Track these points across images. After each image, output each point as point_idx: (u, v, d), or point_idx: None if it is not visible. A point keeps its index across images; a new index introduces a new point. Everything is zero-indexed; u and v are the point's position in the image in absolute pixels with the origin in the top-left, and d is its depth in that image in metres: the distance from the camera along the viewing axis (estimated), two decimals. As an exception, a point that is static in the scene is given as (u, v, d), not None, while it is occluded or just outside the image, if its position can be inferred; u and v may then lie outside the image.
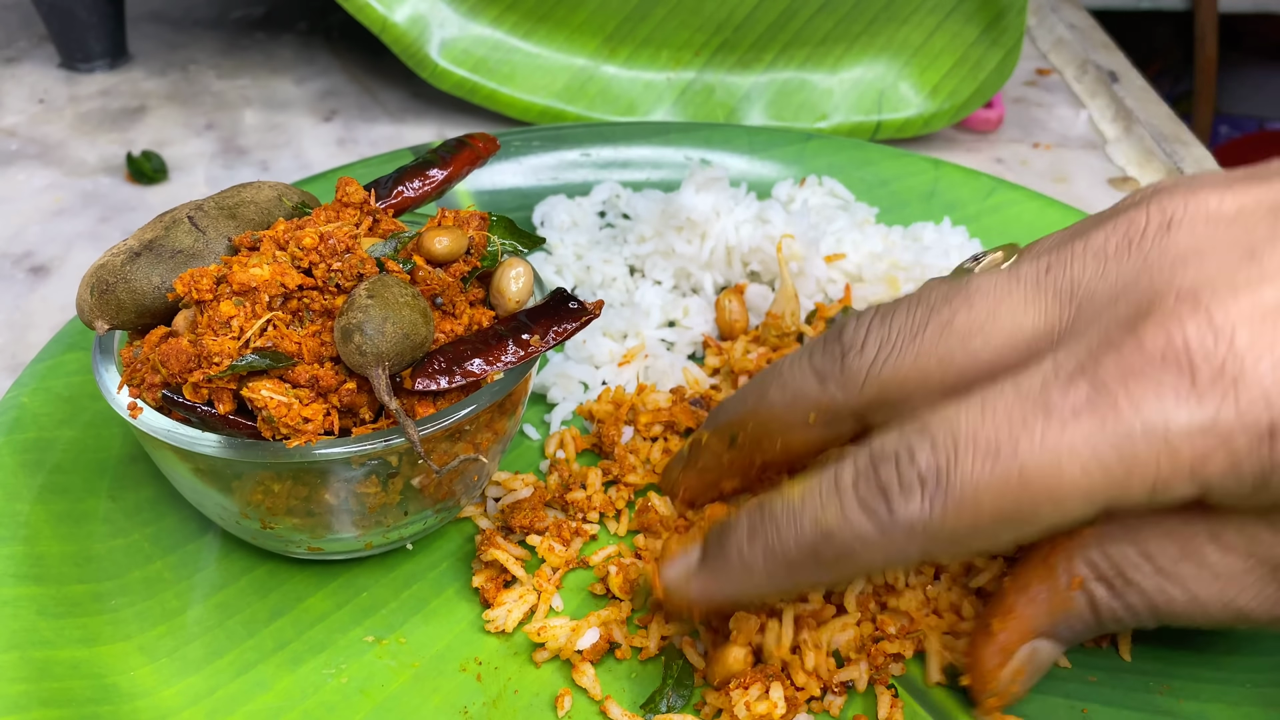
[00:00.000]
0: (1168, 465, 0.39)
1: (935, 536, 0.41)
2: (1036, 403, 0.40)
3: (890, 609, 0.53)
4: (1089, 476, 0.40)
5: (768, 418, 0.51)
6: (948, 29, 0.99)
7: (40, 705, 0.49)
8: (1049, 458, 0.39)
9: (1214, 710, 0.51)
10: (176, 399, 0.49)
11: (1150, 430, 0.39)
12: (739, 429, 0.52)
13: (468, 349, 0.51)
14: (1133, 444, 0.39)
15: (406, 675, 0.53)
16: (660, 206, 0.78)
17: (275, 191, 0.56)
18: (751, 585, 0.46)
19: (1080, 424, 0.39)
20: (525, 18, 1.01)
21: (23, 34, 1.18)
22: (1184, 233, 0.42)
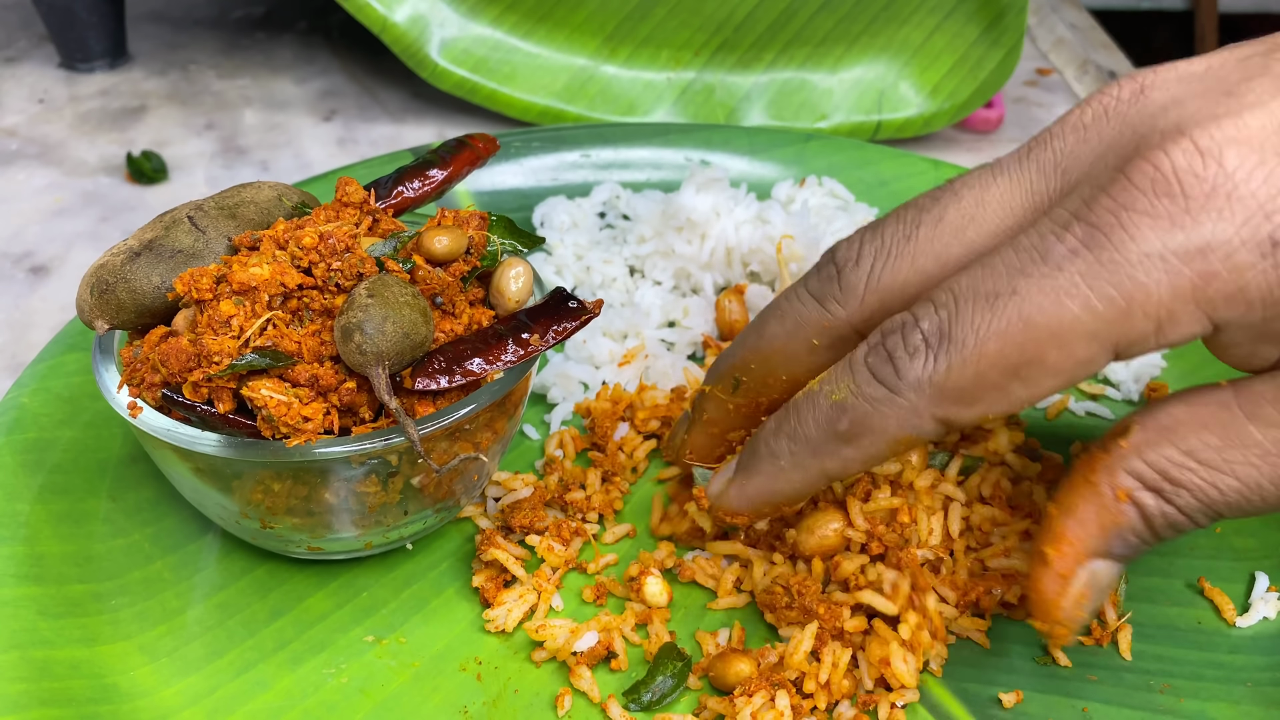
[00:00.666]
0: (1169, 293, 0.38)
1: (945, 392, 0.41)
2: (1034, 251, 0.40)
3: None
4: (1091, 313, 0.39)
5: (770, 352, 0.50)
6: (948, 29, 0.99)
7: (40, 705, 0.49)
8: (1049, 298, 0.39)
9: (1214, 709, 0.51)
10: (176, 398, 0.49)
11: (1147, 257, 0.38)
12: (741, 372, 0.51)
13: (467, 348, 0.51)
14: (1131, 274, 0.38)
15: (406, 675, 0.53)
16: (660, 207, 0.78)
17: (275, 191, 0.56)
18: (781, 476, 0.47)
19: (1077, 261, 0.39)
20: (525, 17, 1.01)
21: (22, 34, 1.18)
22: (1158, 91, 0.42)
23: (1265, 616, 0.55)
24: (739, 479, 0.49)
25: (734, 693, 0.50)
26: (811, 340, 0.47)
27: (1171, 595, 0.57)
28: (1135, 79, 0.44)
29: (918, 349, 0.41)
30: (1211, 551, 0.59)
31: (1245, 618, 0.55)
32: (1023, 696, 0.52)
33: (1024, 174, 0.44)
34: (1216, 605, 0.56)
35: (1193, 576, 0.58)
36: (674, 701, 0.52)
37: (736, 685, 0.50)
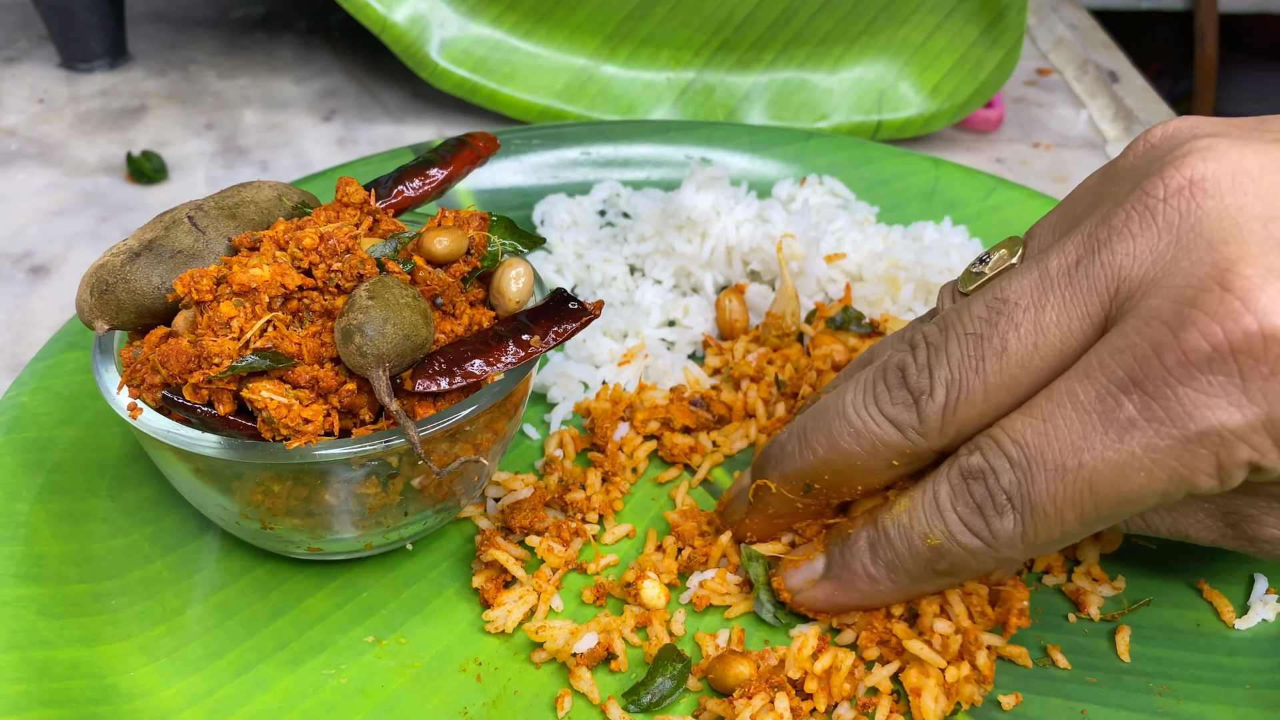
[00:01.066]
0: (1228, 461, 0.41)
1: (1032, 544, 0.45)
2: (1094, 416, 0.42)
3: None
4: (1155, 480, 0.41)
5: (845, 468, 0.51)
6: (948, 28, 0.99)
7: (40, 705, 0.49)
8: (1113, 471, 0.42)
9: (1213, 711, 0.51)
10: (176, 399, 0.49)
11: (1206, 435, 0.40)
12: (813, 479, 0.52)
13: (468, 350, 0.51)
14: (1191, 449, 0.40)
15: (406, 675, 0.53)
16: (660, 205, 0.78)
17: (275, 191, 0.56)
18: (879, 595, 0.51)
19: (1137, 434, 0.41)
20: (525, 17, 1.01)
21: (22, 34, 1.18)
22: (1212, 202, 0.42)
23: (1264, 619, 0.55)
24: (831, 588, 0.52)
25: (734, 694, 0.50)
26: (891, 461, 0.50)
27: (1170, 597, 0.57)
28: (1182, 172, 0.42)
29: (1004, 508, 0.45)
30: (1211, 553, 0.59)
31: (1244, 620, 0.55)
32: (1021, 699, 0.52)
33: (1077, 296, 0.44)
34: (1215, 607, 0.56)
35: (1192, 578, 0.58)
36: (674, 703, 0.52)
37: (736, 687, 0.50)
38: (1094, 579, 0.57)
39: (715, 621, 0.56)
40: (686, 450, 0.64)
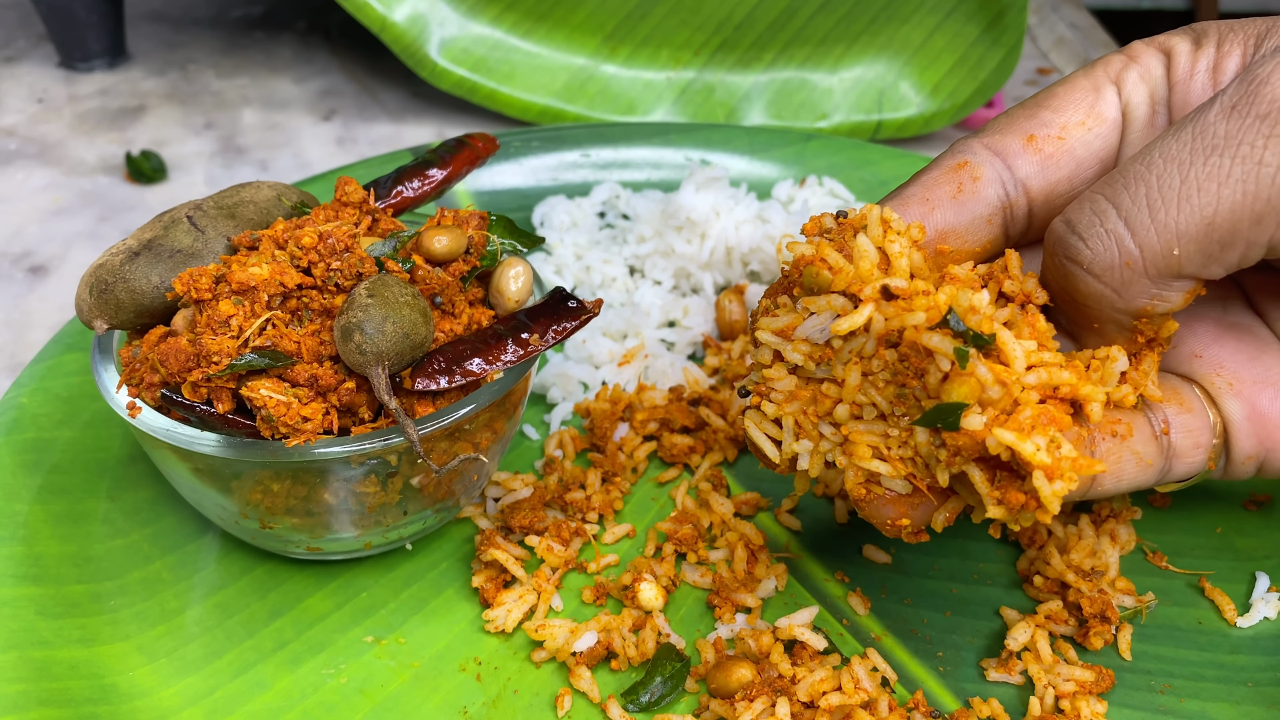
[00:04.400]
0: None
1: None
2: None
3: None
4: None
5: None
6: (948, 28, 0.99)
7: (39, 705, 0.49)
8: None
9: (1215, 709, 0.51)
10: (175, 398, 0.49)
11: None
12: None
13: (467, 348, 0.51)
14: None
15: (406, 675, 0.53)
16: (660, 206, 0.77)
17: (274, 191, 0.56)
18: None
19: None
20: (525, 17, 1.01)
21: (21, 33, 1.18)
22: None
23: (1266, 616, 0.55)
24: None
25: (735, 697, 0.50)
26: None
27: (1172, 595, 0.57)
28: None
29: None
30: (1212, 552, 0.59)
31: (1246, 618, 0.55)
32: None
33: None
34: (1217, 605, 0.56)
35: (1194, 577, 0.58)
36: (673, 702, 0.52)
37: (738, 690, 0.50)
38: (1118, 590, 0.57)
39: (712, 625, 0.56)
40: (686, 450, 0.64)
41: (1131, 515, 0.60)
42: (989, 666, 0.53)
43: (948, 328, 0.41)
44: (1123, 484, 0.46)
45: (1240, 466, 0.48)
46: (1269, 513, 0.61)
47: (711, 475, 0.64)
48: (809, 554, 0.60)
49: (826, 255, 0.44)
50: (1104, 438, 0.45)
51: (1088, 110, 0.48)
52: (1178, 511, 0.62)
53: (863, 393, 0.44)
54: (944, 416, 0.42)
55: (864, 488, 0.46)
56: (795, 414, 0.46)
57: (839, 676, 0.51)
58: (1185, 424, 0.47)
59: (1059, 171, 0.47)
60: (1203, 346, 0.48)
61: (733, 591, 0.56)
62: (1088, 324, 0.45)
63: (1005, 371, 0.41)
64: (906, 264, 0.44)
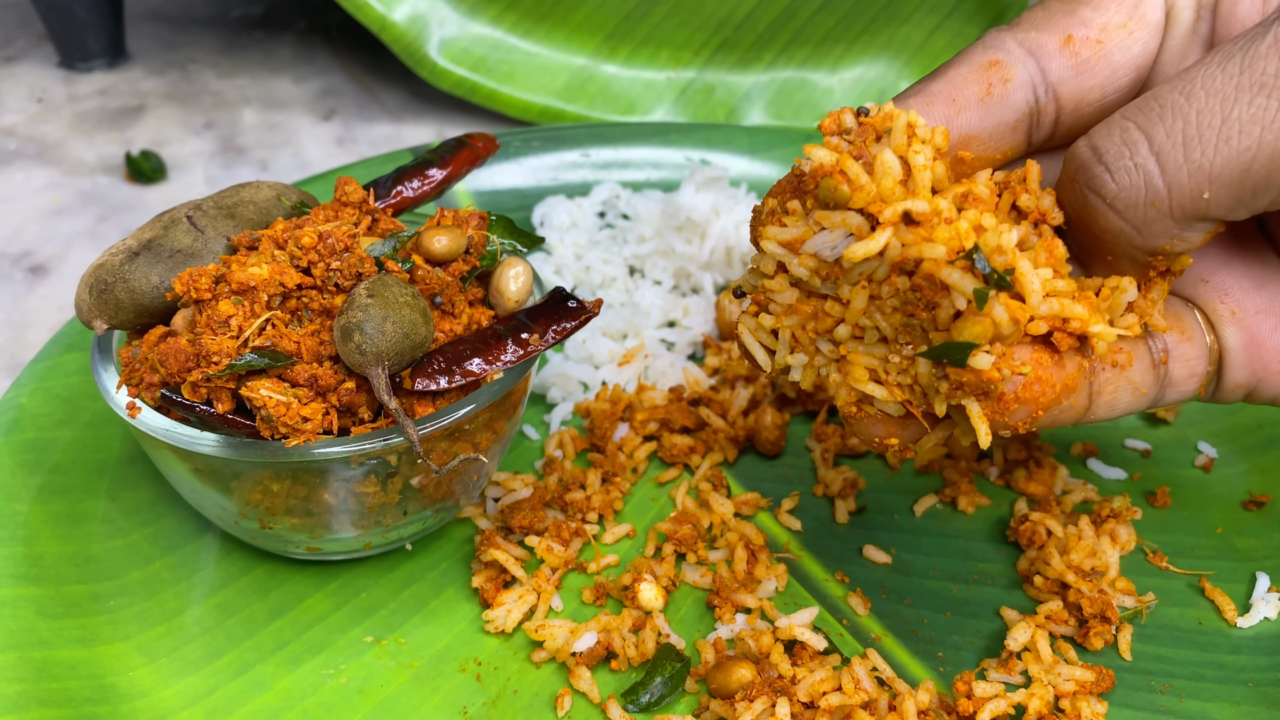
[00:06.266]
0: None
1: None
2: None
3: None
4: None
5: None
6: (948, 28, 0.99)
7: (39, 705, 0.49)
8: None
9: (1215, 709, 0.51)
10: (175, 398, 0.49)
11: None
12: None
13: (467, 349, 0.51)
14: None
15: (406, 675, 0.53)
16: (660, 206, 0.77)
17: (274, 191, 0.56)
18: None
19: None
20: (525, 16, 1.01)
21: (21, 33, 1.18)
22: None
23: (1266, 617, 0.55)
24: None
25: (735, 697, 0.50)
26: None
27: (1172, 596, 0.57)
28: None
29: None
30: (1212, 552, 0.59)
31: (1246, 618, 0.55)
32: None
33: None
34: (1217, 606, 0.56)
35: (1194, 577, 0.58)
36: (673, 703, 0.52)
37: (738, 690, 0.50)
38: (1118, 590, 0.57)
39: (711, 624, 0.56)
40: (686, 450, 0.64)
41: (1132, 515, 0.60)
42: (989, 667, 0.53)
43: (968, 261, 0.39)
44: (1116, 412, 0.45)
45: (1229, 394, 0.47)
46: (1269, 513, 0.61)
47: (711, 475, 0.63)
48: (809, 554, 0.60)
49: (847, 168, 0.41)
50: (1104, 368, 0.44)
51: (1130, 11, 0.44)
52: (1178, 511, 0.62)
53: (867, 316, 0.42)
54: (952, 353, 0.40)
55: (855, 406, 0.44)
56: (794, 327, 0.44)
57: (839, 677, 0.51)
58: (1184, 353, 0.45)
59: (1093, 78, 0.44)
60: (1210, 271, 0.46)
61: (733, 592, 0.56)
62: (1100, 255, 0.43)
63: (1020, 309, 0.39)
64: (929, 178, 0.41)
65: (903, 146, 0.41)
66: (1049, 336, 0.41)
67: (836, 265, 0.42)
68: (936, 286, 0.39)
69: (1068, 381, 0.42)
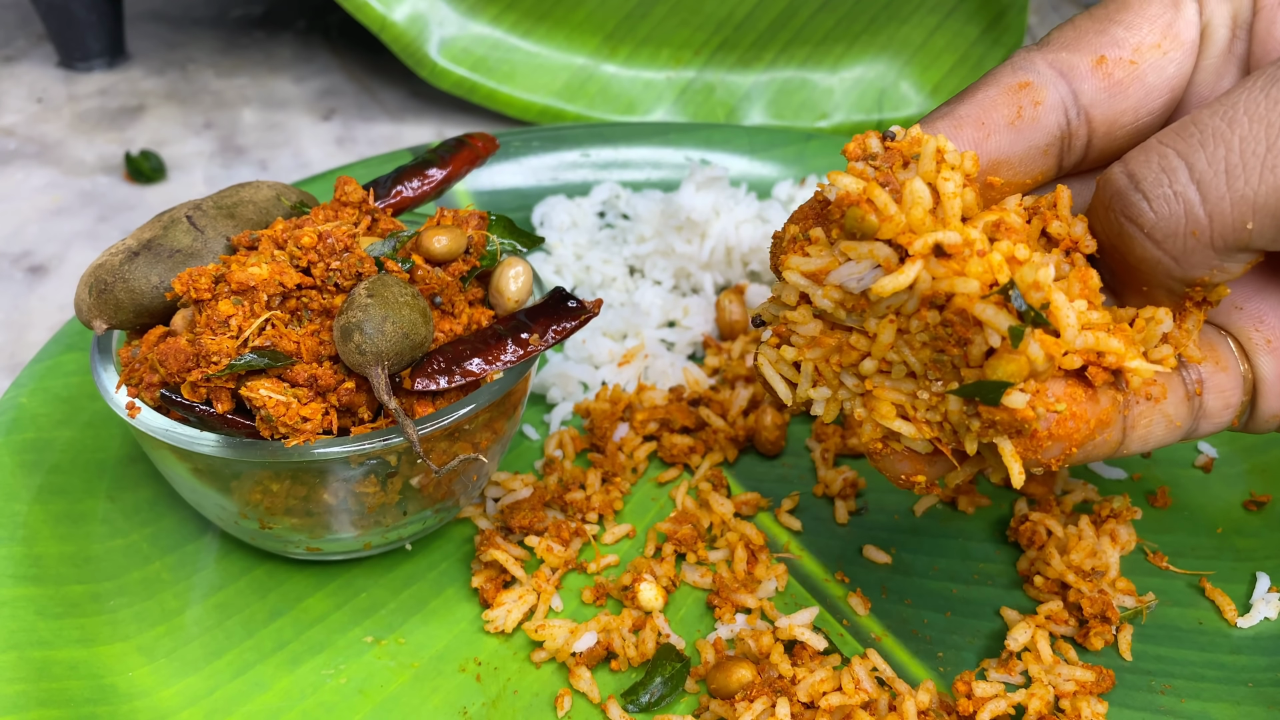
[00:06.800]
0: None
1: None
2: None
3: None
4: None
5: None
6: (949, 28, 0.99)
7: (38, 705, 0.49)
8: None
9: (1216, 709, 0.51)
10: (175, 398, 0.49)
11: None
12: None
13: (467, 348, 0.51)
14: None
15: (406, 675, 0.53)
16: (660, 206, 0.77)
17: (274, 191, 0.56)
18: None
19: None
20: (525, 16, 1.00)
21: (21, 33, 1.18)
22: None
23: (1266, 617, 0.55)
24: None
25: (735, 698, 0.50)
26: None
27: (1173, 596, 0.57)
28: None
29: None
30: (1213, 552, 0.59)
31: (1246, 618, 0.55)
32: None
33: None
34: (1218, 606, 0.56)
35: (1194, 577, 0.58)
36: (673, 703, 0.52)
37: (738, 690, 0.50)
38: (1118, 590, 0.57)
39: (711, 624, 0.56)
40: (686, 450, 0.64)
41: (1132, 515, 0.60)
42: (989, 667, 0.53)
43: (1002, 296, 0.37)
44: (1149, 445, 0.44)
45: (1264, 424, 0.46)
46: (1269, 513, 0.61)
47: (711, 475, 0.63)
48: (809, 554, 0.60)
49: (875, 197, 0.39)
50: (1138, 401, 0.42)
51: (1164, 30, 0.42)
52: (1178, 512, 0.62)
53: (895, 351, 0.41)
54: (985, 392, 0.39)
55: (880, 442, 0.43)
56: (817, 360, 0.43)
57: (839, 677, 0.51)
58: (1219, 384, 0.44)
59: (1126, 100, 0.43)
60: (1245, 298, 0.45)
61: (733, 592, 0.56)
62: (1135, 285, 0.42)
63: (1055, 344, 0.38)
64: (959, 207, 0.39)
65: (931, 173, 0.40)
66: (1083, 370, 0.40)
67: (863, 298, 0.40)
68: (969, 322, 0.38)
69: (1102, 417, 0.41)
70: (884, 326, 0.40)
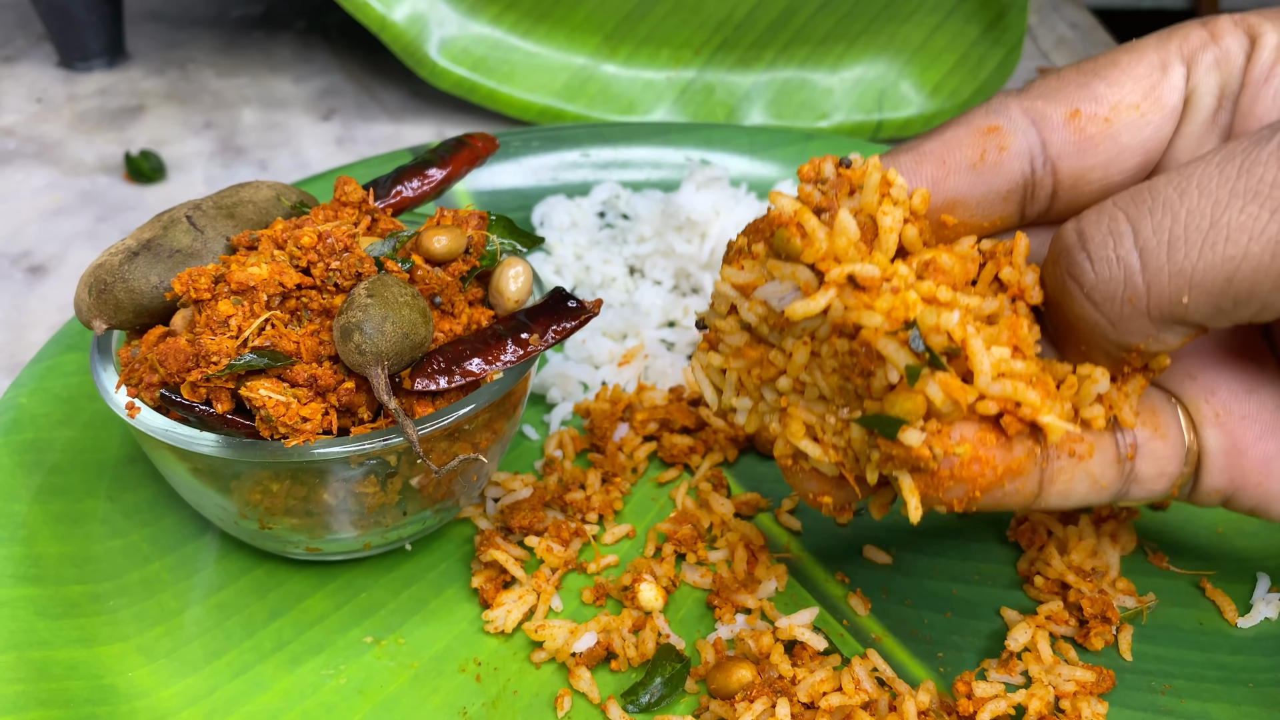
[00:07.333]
0: None
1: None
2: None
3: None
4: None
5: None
6: (949, 27, 0.99)
7: (38, 705, 0.49)
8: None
9: (1216, 710, 0.51)
10: (174, 398, 0.49)
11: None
12: None
13: (467, 349, 0.51)
14: None
15: (405, 676, 0.53)
16: (660, 206, 0.77)
17: (273, 191, 0.56)
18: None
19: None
20: (524, 16, 1.00)
21: (20, 33, 1.18)
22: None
23: (1267, 617, 0.55)
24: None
25: (735, 698, 0.50)
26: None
27: (1173, 596, 0.57)
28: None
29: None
30: (1213, 552, 0.59)
31: (1247, 619, 0.55)
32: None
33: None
34: (1218, 606, 0.56)
35: (1195, 577, 0.58)
36: (673, 703, 0.52)
37: (738, 691, 0.50)
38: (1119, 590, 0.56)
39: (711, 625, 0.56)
40: (686, 450, 0.64)
41: (1132, 515, 0.60)
42: (990, 667, 0.53)
43: (909, 334, 0.38)
44: (1070, 503, 0.44)
45: (1205, 498, 0.45)
46: (1270, 513, 0.61)
47: (711, 475, 0.63)
48: (809, 555, 0.60)
49: (804, 220, 0.40)
50: (1060, 455, 0.42)
51: (1146, 92, 0.42)
52: (1178, 512, 0.61)
53: (807, 373, 0.42)
54: (883, 425, 0.40)
55: (790, 459, 0.44)
56: (740, 370, 0.44)
57: (839, 677, 0.50)
58: (1155, 451, 0.44)
59: (1096, 156, 0.43)
60: (1200, 368, 0.45)
61: (733, 592, 0.56)
62: (1075, 342, 0.42)
63: (960, 390, 0.39)
64: (894, 241, 0.40)
65: (872, 205, 0.40)
66: (1000, 417, 0.40)
67: (783, 316, 0.41)
68: (873, 355, 0.39)
69: (1012, 466, 0.41)
70: (798, 347, 0.42)
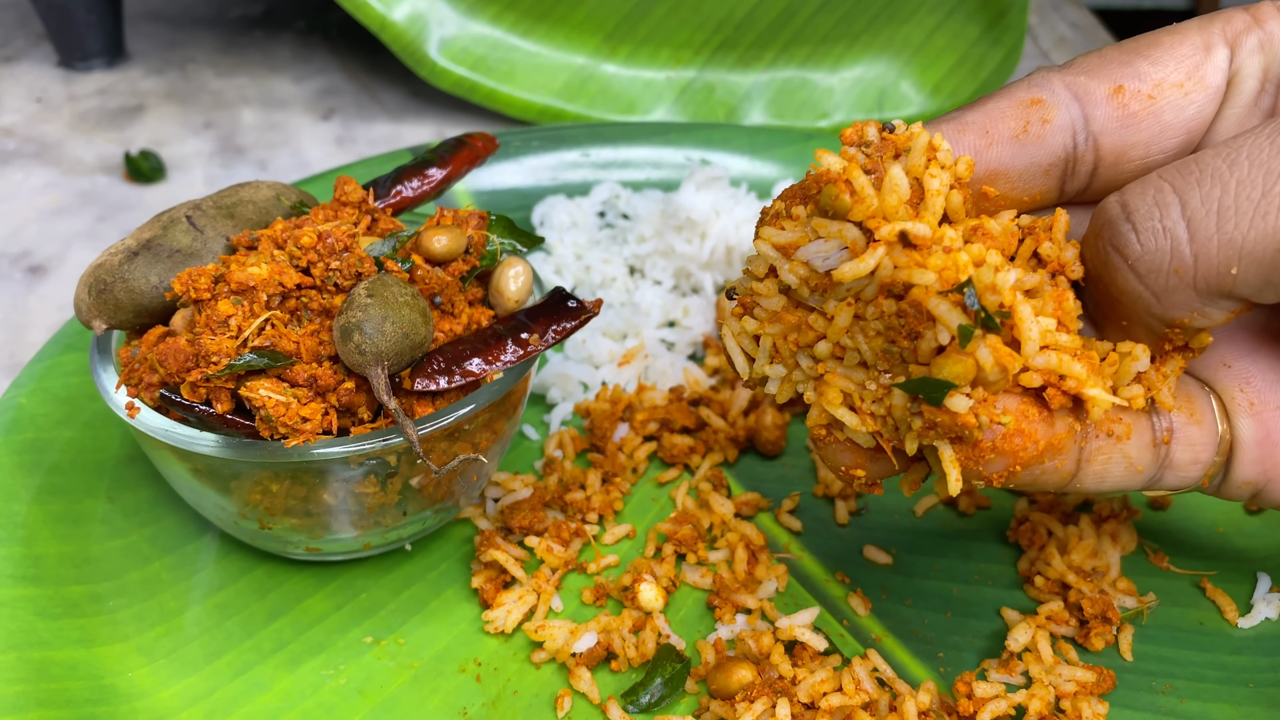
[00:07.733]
0: None
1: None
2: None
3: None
4: None
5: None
6: (949, 27, 0.99)
7: (38, 706, 0.49)
8: None
9: (1216, 710, 0.51)
10: (174, 398, 0.49)
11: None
12: None
13: (467, 349, 0.51)
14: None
15: (405, 676, 0.53)
16: (660, 206, 0.77)
17: (273, 191, 0.56)
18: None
19: None
20: (524, 16, 1.00)
21: (20, 33, 1.18)
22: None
23: (1267, 617, 0.55)
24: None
25: (735, 698, 0.50)
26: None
27: (1174, 596, 0.57)
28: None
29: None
30: (1214, 552, 0.59)
31: (1247, 619, 0.55)
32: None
33: None
34: (1219, 606, 0.56)
35: (1195, 577, 0.58)
36: (673, 703, 0.52)
37: (738, 691, 0.50)
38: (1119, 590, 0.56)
39: (711, 625, 0.56)
40: (686, 450, 0.64)
41: (1133, 516, 0.60)
42: (990, 667, 0.53)
43: (960, 295, 0.37)
44: (1105, 485, 0.43)
45: (1236, 489, 0.45)
46: (1269, 513, 0.61)
47: (711, 476, 0.63)
48: (810, 555, 0.60)
49: (853, 177, 0.39)
50: (1098, 435, 0.42)
51: (1190, 71, 0.42)
52: (1179, 512, 0.61)
53: (849, 336, 0.40)
54: (928, 389, 0.38)
55: (824, 429, 0.43)
56: (775, 336, 0.43)
57: (839, 677, 0.50)
58: (1190, 437, 0.43)
59: (1139, 134, 0.42)
60: (1235, 356, 0.44)
61: (733, 592, 0.56)
62: (1116, 319, 0.42)
63: (1009, 357, 0.38)
64: (941, 204, 0.39)
65: (919, 168, 0.39)
66: (1043, 390, 0.40)
67: (827, 277, 0.40)
68: (923, 316, 0.38)
69: (1054, 441, 0.40)
70: (841, 310, 0.40)
